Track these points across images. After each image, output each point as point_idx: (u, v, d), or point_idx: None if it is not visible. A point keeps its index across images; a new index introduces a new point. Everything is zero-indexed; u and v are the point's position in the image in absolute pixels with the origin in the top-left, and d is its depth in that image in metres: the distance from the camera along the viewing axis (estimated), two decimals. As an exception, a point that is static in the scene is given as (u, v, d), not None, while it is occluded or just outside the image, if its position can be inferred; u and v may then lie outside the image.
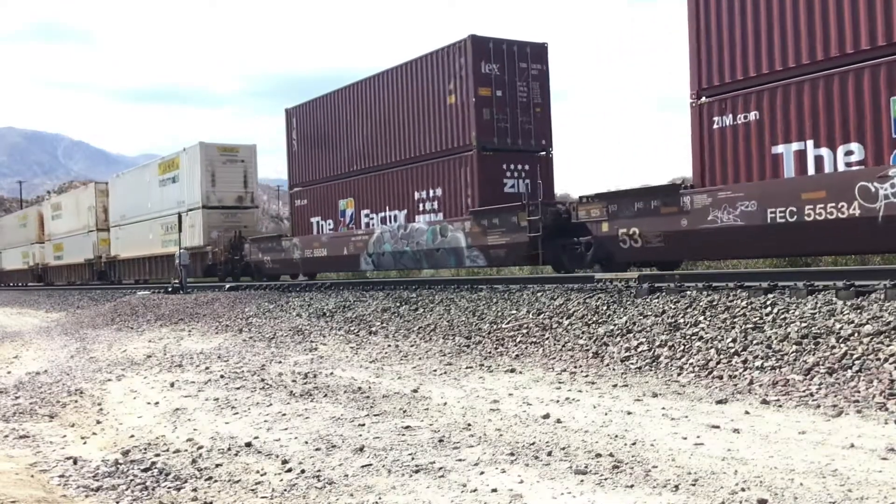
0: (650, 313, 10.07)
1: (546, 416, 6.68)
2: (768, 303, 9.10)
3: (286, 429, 6.90)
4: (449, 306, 13.53)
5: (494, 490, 4.78)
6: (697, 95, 13.33)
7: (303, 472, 5.46)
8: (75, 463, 6.22)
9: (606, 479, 4.87)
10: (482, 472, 5.17)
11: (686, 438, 5.73)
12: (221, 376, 10.27)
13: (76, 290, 36.08)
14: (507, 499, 4.63)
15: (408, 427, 6.63)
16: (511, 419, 6.74)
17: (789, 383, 7.26)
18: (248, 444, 6.36)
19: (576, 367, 9.22)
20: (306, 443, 6.32)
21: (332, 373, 10.06)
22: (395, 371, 9.98)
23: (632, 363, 8.97)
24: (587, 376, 8.66)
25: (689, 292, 10.41)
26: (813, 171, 11.79)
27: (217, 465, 5.83)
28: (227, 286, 23.88)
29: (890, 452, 5.06)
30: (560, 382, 8.44)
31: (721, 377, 7.88)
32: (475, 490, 4.81)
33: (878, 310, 7.95)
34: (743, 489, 4.51)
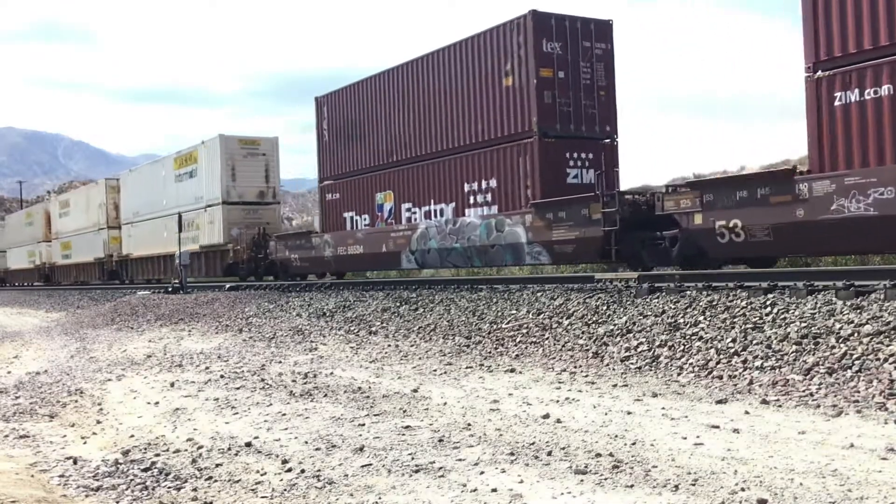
0: (650, 313, 10.08)
1: (546, 416, 6.68)
2: (768, 303, 9.10)
3: (286, 429, 6.90)
4: (449, 306, 13.54)
5: (494, 490, 4.78)
6: (813, 69, 11.56)
7: (303, 471, 5.46)
8: (75, 463, 6.22)
9: (606, 478, 4.87)
10: (482, 472, 5.17)
11: (686, 438, 5.74)
12: (221, 376, 10.28)
13: (76, 289, 36.04)
14: (507, 499, 4.64)
15: (408, 427, 6.64)
16: (511, 419, 6.75)
17: (789, 383, 7.26)
18: (248, 444, 6.37)
19: (576, 367, 9.23)
20: (306, 443, 6.33)
21: (332, 373, 10.07)
22: (395, 371, 9.98)
23: (632, 363, 8.98)
24: (587, 376, 8.67)
25: (688, 292, 10.41)
26: None
27: (217, 465, 5.84)
28: (228, 286, 23.86)
29: (890, 452, 5.06)
30: (560, 382, 8.44)
31: (721, 377, 7.88)
32: (475, 490, 4.81)
33: (877, 310, 7.96)
34: (743, 489, 4.52)
